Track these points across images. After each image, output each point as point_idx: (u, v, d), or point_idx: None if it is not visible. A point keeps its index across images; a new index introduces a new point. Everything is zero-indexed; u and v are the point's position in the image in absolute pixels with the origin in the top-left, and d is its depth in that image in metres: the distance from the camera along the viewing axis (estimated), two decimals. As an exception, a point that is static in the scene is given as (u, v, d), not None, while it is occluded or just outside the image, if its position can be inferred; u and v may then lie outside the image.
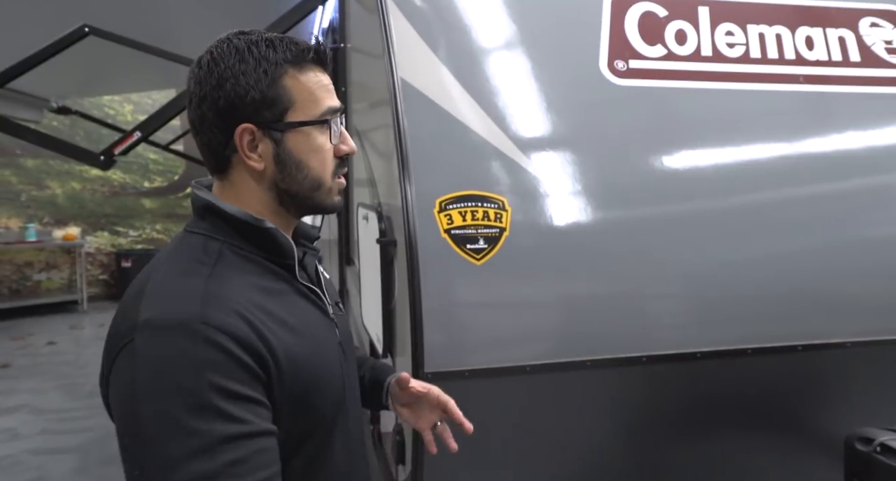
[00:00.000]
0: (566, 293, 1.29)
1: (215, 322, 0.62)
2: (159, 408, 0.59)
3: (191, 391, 0.59)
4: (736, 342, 1.32)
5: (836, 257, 1.41)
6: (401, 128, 1.25)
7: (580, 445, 1.33)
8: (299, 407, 0.70)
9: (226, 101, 0.71)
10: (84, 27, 2.10)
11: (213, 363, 0.61)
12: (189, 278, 0.67)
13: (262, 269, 0.74)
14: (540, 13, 1.44)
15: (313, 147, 0.75)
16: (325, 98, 0.76)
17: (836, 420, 1.41)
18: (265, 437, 0.63)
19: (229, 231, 0.74)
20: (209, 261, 0.69)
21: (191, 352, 0.60)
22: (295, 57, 0.74)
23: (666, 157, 1.40)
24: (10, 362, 4.66)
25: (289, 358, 0.68)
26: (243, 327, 0.64)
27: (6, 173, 6.40)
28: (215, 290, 0.66)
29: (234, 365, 0.62)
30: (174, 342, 0.61)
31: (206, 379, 0.60)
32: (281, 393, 0.67)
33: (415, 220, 1.19)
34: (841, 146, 1.50)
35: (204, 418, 0.59)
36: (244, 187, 0.75)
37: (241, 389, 0.62)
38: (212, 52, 0.73)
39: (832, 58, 1.53)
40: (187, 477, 0.57)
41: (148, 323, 0.62)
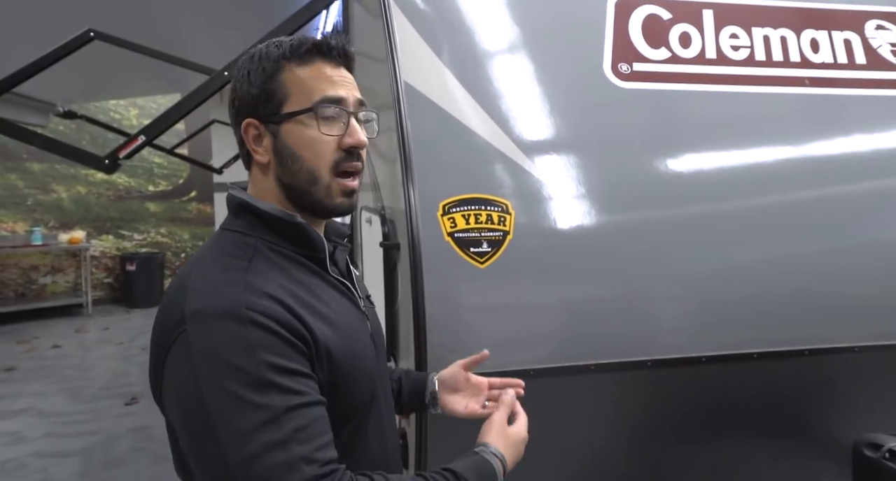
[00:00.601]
0: (570, 296, 1.28)
1: (258, 307, 0.67)
2: (222, 388, 0.63)
3: (247, 370, 0.64)
4: (741, 346, 1.31)
5: (842, 260, 1.40)
6: (404, 132, 1.24)
7: (584, 450, 1.32)
8: (336, 392, 0.73)
9: (238, 101, 0.78)
10: (89, 32, 2.11)
11: (263, 343, 0.65)
12: (228, 272, 0.71)
13: (295, 264, 0.77)
14: (543, 16, 1.44)
15: (305, 138, 0.76)
16: (321, 88, 0.77)
17: (843, 425, 1.39)
18: (320, 406, 0.69)
19: (262, 227, 0.77)
20: (246, 257, 0.73)
21: (241, 336, 0.65)
22: (292, 52, 0.77)
23: (670, 160, 1.39)
24: (16, 365, 4.67)
25: (326, 345, 0.71)
26: (283, 311, 0.68)
27: (13, 177, 6.44)
28: (254, 281, 0.70)
29: (281, 343, 0.67)
30: (224, 327, 0.65)
31: (259, 358, 0.64)
32: (322, 373, 0.71)
33: (418, 224, 1.18)
34: (847, 149, 1.49)
35: (265, 393, 0.63)
36: (260, 182, 0.80)
37: (292, 364, 0.67)
38: (240, 60, 0.81)
39: (838, 60, 1.53)
40: (260, 446, 0.62)
41: (196, 313, 0.66)
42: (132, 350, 5.01)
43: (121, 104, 7.16)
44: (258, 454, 0.62)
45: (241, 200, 0.78)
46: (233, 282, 0.69)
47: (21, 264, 6.46)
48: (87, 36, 2.13)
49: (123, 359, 4.79)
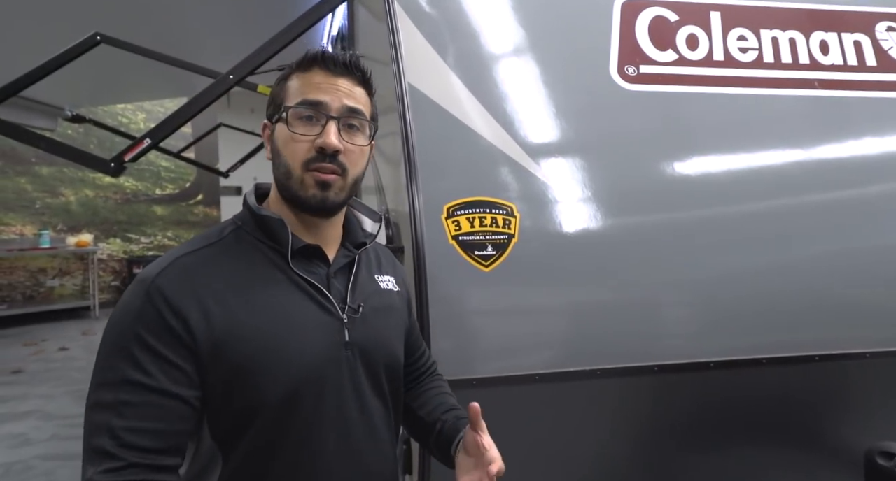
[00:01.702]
0: (575, 300, 1.27)
1: (160, 282, 0.73)
2: (105, 340, 0.73)
3: (122, 334, 0.72)
4: (750, 351, 1.29)
5: (853, 264, 1.38)
6: (409, 134, 1.24)
7: (589, 455, 1.30)
8: (236, 383, 0.74)
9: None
10: (96, 35, 2.12)
11: (143, 316, 0.72)
12: (181, 248, 0.79)
13: (259, 253, 0.81)
14: (549, 18, 1.43)
15: (285, 136, 0.82)
16: (304, 92, 0.82)
17: (855, 433, 1.37)
18: (164, 396, 0.71)
19: (248, 218, 0.84)
20: (213, 239, 0.81)
21: (134, 303, 0.73)
22: (300, 62, 0.85)
23: (677, 163, 1.38)
24: (23, 367, 4.70)
25: (231, 332, 0.74)
26: (184, 295, 0.73)
27: (22, 181, 6.49)
28: (186, 261, 0.76)
29: (159, 324, 0.71)
30: (131, 291, 0.74)
31: (133, 327, 0.71)
32: (214, 363, 0.73)
33: (422, 227, 1.18)
34: (857, 151, 1.47)
35: (119, 358, 0.70)
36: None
37: (159, 347, 0.71)
38: None
39: (847, 62, 1.51)
40: (95, 398, 0.70)
41: (137, 275, 0.77)
42: (138, 353, 5.01)
43: (128, 108, 7.21)
44: (92, 405, 0.70)
45: (244, 197, 0.88)
46: (167, 257, 0.77)
47: (29, 267, 6.50)
48: (94, 40, 2.14)
49: (129, 362, 4.79)
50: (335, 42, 3.01)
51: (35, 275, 6.54)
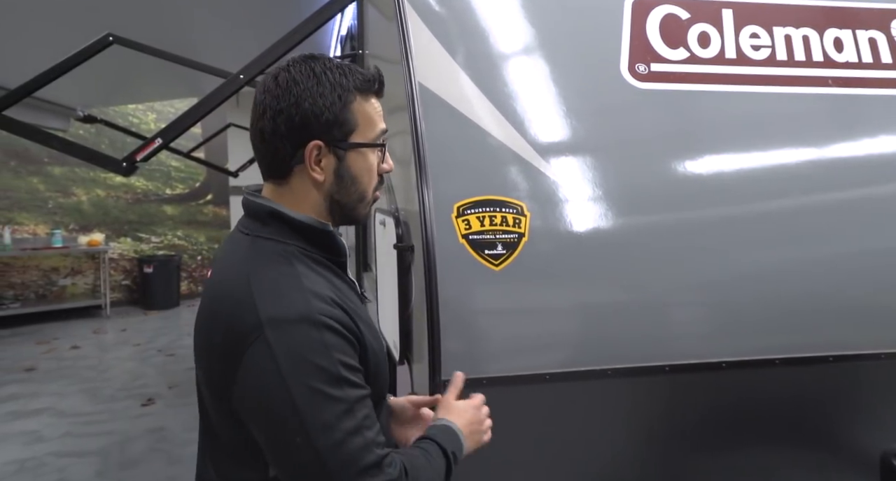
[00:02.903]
0: (586, 300, 1.26)
1: (328, 312, 0.76)
2: (308, 386, 0.72)
3: (327, 368, 0.73)
4: (763, 352, 1.28)
5: (868, 264, 1.36)
6: (419, 133, 1.24)
7: (600, 456, 1.30)
8: (372, 375, 0.83)
9: (302, 118, 0.81)
10: (108, 36, 2.14)
11: (336, 344, 0.75)
12: (286, 278, 0.78)
13: (325, 267, 0.85)
14: (559, 16, 1.42)
15: (367, 166, 0.87)
16: (380, 123, 0.88)
17: (870, 435, 1.35)
18: (370, 397, 0.79)
19: (294, 234, 0.84)
20: (290, 263, 0.81)
21: (319, 338, 0.74)
22: (363, 85, 0.85)
23: (689, 162, 1.37)
24: (35, 365, 4.75)
25: (366, 343, 0.82)
26: (343, 314, 0.78)
27: (34, 181, 6.56)
28: (312, 287, 0.78)
29: (346, 344, 0.77)
30: (303, 331, 0.73)
31: (334, 357, 0.74)
32: (367, 363, 0.81)
33: (432, 225, 1.18)
34: (872, 150, 1.45)
35: (341, 387, 0.74)
36: (302, 194, 0.85)
37: (353, 362, 0.77)
38: (289, 71, 0.82)
39: (862, 60, 1.49)
40: (343, 433, 0.72)
41: (274, 319, 0.74)
42: (149, 351, 5.06)
43: (139, 108, 7.27)
44: (342, 440, 0.72)
45: (272, 209, 0.84)
46: (297, 288, 0.77)
47: (42, 266, 6.57)
48: (107, 40, 2.16)
49: (140, 361, 4.84)
50: (344, 42, 3.02)
51: (47, 274, 6.61)
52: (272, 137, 0.82)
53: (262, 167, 0.87)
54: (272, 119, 0.81)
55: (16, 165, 6.42)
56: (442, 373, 1.14)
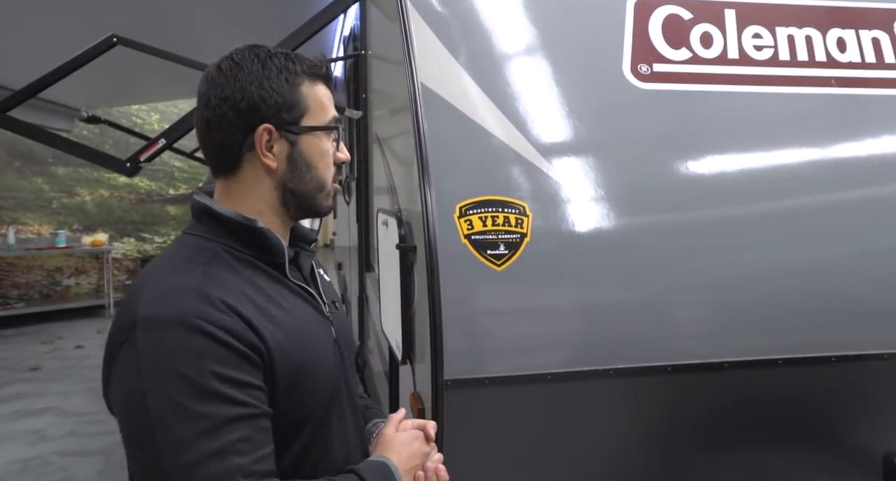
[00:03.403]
0: (588, 300, 1.26)
1: (209, 316, 0.68)
2: (166, 396, 0.64)
3: (192, 378, 0.65)
4: (765, 352, 1.28)
5: (871, 264, 1.36)
6: (421, 133, 1.24)
7: (602, 456, 1.30)
8: (291, 396, 0.74)
9: (248, 103, 0.77)
10: (112, 37, 2.15)
11: (211, 353, 0.67)
12: (183, 277, 0.72)
13: (255, 269, 0.79)
14: (562, 17, 1.43)
15: (321, 151, 0.83)
16: (331, 108, 0.84)
17: (873, 435, 1.35)
18: (264, 418, 0.70)
19: (223, 232, 0.79)
20: (203, 261, 0.75)
21: (188, 344, 0.66)
22: (310, 70, 0.82)
23: (691, 162, 1.37)
24: (40, 365, 4.77)
25: (278, 346, 0.73)
26: (233, 319, 0.70)
27: (39, 181, 6.59)
28: (207, 288, 0.71)
29: (230, 353, 0.68)
30: (173, 335, 0.66)
31: (204, 367, 0.66)
32: (274, 380, 0.72)
33: (435, 226, 1.18)
34: (874, 150, 1.45)
35: (208, 402, 0.65)
36: (252, 185, 0.81)
37: (240, 375, 0.68)
38: (232, 58, 0.80)
39: (865, 60, 1.49)
40: (198, 455, 0.63)
41: (146, 319, 0.68)
42: (152, 351, 5.06)
43: (143, 109, 7.29)
44: (196, 462, 0.63)
45: (203, 205, 0.80)
46: (185, 289, 0.70)
47: (46, 266, 6.59)
48: (110, 41, 2.17)
49: (143, 360, 4.84)
50: (347, 42, 3.03)
51: (51, 274, 6.64)
52: (218, 126, 0.78)
53: (211, 162, 0.82)
54: (217, 107, 0.78)
55: (20, 165, 6.45)
56: (445, 373, 1.15)
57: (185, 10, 3.13)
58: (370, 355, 2.41)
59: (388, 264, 1.52)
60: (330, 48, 3.86)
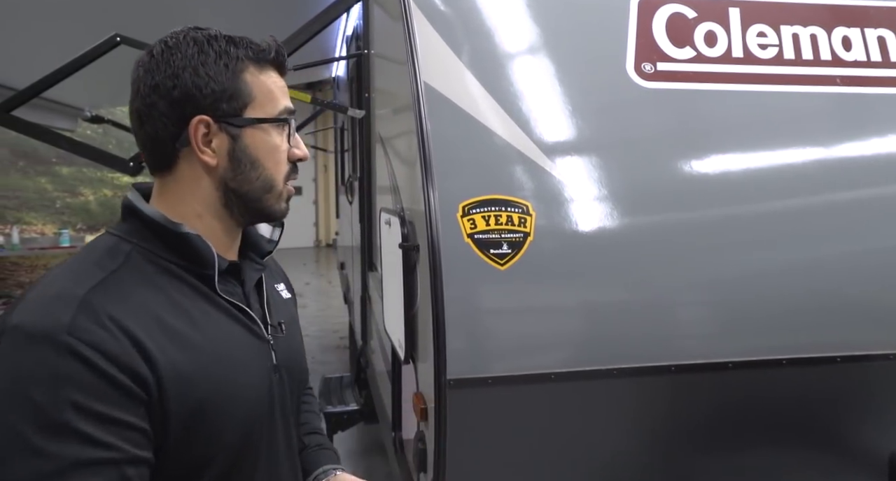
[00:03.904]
0: (592, 299, 1.26)
1: (84, 335, 0.57)
2: (7, 423, 0.55)
3: (44, 408, 0.55)
4: (770, 352, 1.27)
5: (876, 264, 1.35)
6: (424, 132, 1.24)
7: (605, 455, 1.29)
8: (192, 429, 0.64)
9: (181, 91, 0.68)
10: (116, 36, 2.15)
11: (76, 379, 0.56)
12: (76, 283, 0.62)
13: (176, 279, 0.69)
14: (565, 16, 1.42)
15: (270, 146, 0.73)
16: (283, 99, 0.75)
17: (878, 437, 1.34)
18: (132, 466, 0.58)
19: (147, 234, 0.70)
20: (110, 266, 0.65)
21: (51, 365, 0.56)
22: (256, 55, 0.73)
23: (695, 162, 1.36)
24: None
25: (178, 375, 0.62)
26: (119, 341, 0.59)
27: (42, 181, 6.62)
28: (97, 298, 0.61)
29: (102, 382, 0.57)
30: (35, 352, 0.56)
31: (64, 396, 0.55)
32: (167, 413, 0.61)
33: (437, 225, 1.18)
34: (880, 149, 1.45)
35: (57, 439, 0.55)
36: (190, 185, 0.72)
37: (108, 410, 0.57)
38: (166, 42, 0.71)
39: (871, 58, 1.48)
40: None
41: (15, 328, 0.58)
42: (155, 350, 5.08)
43: (146, 109, 7.31)
44: None
45: (129, 204, 0.72)
46: (69, 298, 0.60)
47: (49, 265, 6.62)
48: (114, 41, 2.17)
49: (146, 360, 4.86)
50: (350, 42, 3.03)
51: (55, 273, 6.66)
52: (149, 117, 0.69)
53: (146, 158, 0.74)
54: (147, 96, 0.69)
55: (24, 165, 6.48)
56: (447, 373, 1.14)
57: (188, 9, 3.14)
58: (373, 355, 2.41)
59: (391, 263, 1.52)
60: (332, 47, 3.87)
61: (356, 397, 2.83)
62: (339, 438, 2.77)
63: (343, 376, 3.19)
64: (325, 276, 8.53)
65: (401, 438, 1.71)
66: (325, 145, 6.74)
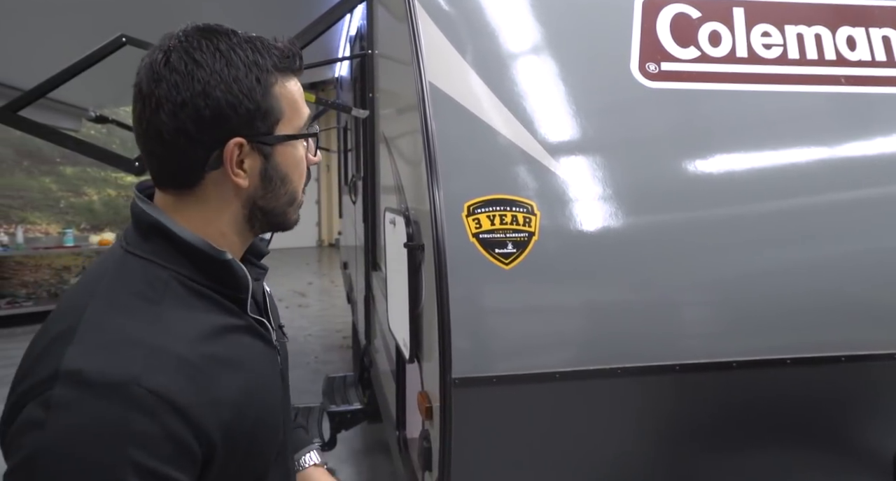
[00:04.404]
0: (596, 299, 1.26)
1: (156, 385, 0.54)
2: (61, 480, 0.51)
3: (106, 469, 0.52)
4: (774, 351, 1.27)
5: (879, 264, 1.35)
6: (429, 132, 1.24)
7: (609, 455, 1.30)
8: (243, 456, 0.64)
9: (214, 112, 0.62)
10: (121, 37, 2.16)
11: (142, 436, 0.53)
12: (131, 321, 0.58)
13: (211, 303, 0.66)
14: (569, 16, 1.42)
15: (297, 159, 0.71)
16: (305, 107, 0.71)
17: (883, 436, 1.34)
18: None
19: (179, 259, 0.65)
20: (155, 298, 0.61)
21: (119, 422, 0.52)
22: (283, 63, 0.68)
23: (700, 161, 1.36)
24: (48, 363, 4.79)
25: (236, 410, 0.62)
26: (187, 390, 0.56)
27: (47, 181, 6.64)
28: (160, 340, 0.58)
29: (164, 440, 0.54)
30: (103, 406, 0.52)
31: (128, 456, 0.52)
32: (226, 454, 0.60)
33: (442, 224, 1.18)
34: (885, 149, 1.44)
35: None
36: (215, 205, 0.67)
37: (165, 469, 0.54)
38: (186, 50, 0.63)
39: (876, 58, 1.48)
40: None
41: (75, 375, 0.53)
42: (159, 349, 5.09)
43: (150, 109, 7.32)
44: None
45: (156, 222, 0.65)
46: (134, 341, 0.56)
47: (54, 265, 6.64)
48: (119, 41, 2.18)
49: (150, 359, 4.87)
50: (354, 42, 3.03)
51: (59, 273, 6.68)
52: (176, 139, 0.63)
53: (160, 175, 0.67)
54: (173, 114, 0.62)
55: (29, 165, 6.49)
56: (452, 371, 1.15)
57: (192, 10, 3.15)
58: (377, 354, 2.41)
59: (396, 263, 1.52)
60: (336, 48, 3.87)
61: (359, 396, 2.84)
62: (342, 437, 2.77)
63: (346, 375, 3.20)
64: (328, 276, 8.53)
65: (405, 437, 1.72)
66: (327, 145, 6.75)
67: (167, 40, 0.65)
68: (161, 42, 0.66)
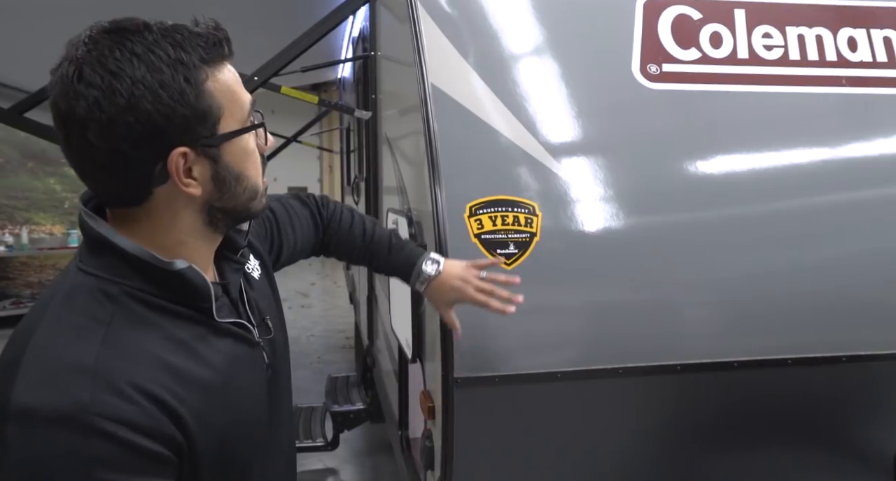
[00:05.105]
0: (598, 299, 1.27)
1: (110, 411, 0.52)
2: None
3: None
4: (775, 351, 1.28)
5: (881, 264, 1.35)
6: (431, 134, 1.25)
7: (611, 455, 1.30)
8: (219, 463, 0.63)
9: (146, 125, 0.56)
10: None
11: (106, 459, 0.52)
12: (76, 346, 0.55)
13: (169, 315, 0.62)
14: (571, 17, 1.43)
15: (248, 152, 0.65)
16: (244, 93, 0.65)
17: (884, 436, 1.34)
18: None
19: (129, 272, 0.60)
20: (104, 317, 0.57)
21: (79, 450, 0.51)
22: (209, 54, 0.60)
23: (701, 162, 1.37)
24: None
25: (200, 420, 0.60)
26: (144, 409, 0.55)
27: (51, 181, 6.67)
28: (110, 363, 0.55)
29: (132, 456, 0.53)
30: (58, 439, 0.51)
31: (96, 477, 0.52)
32: (196, 459, 0.60)
33: (445, 225, 1.19)
34: (886, 150, 1.45)
35: None
36: (168, 218, 0.62)
37: (137, 478, 0.54)
38: (101, 61, 0.55)
39: (877, 59, 1.48)
40: None
41: (24, 412, 0.52)
42: (162, 350, 5.11)
43: (153, 110, 7.35)
44: None
45: (99, 236, 0.60)
46: (78, 369, 0.53)
47: (58, 265, 6.66)
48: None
49: (154, 359, 4.88)
50: (356, 43, 3.04)
51: (63, 273, 6.71)
52: (111, 161, 0.57)
53: (103, 197, 0.63)
54: (101, 135, 0.55)
55: (33, 166, 6.53)
56: (455, 371, 1.16)
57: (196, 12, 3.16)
58: (379, 354, 2.42)
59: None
60: (339, 49, 3.89)
61: (362, 396, 2.85)
62: (345, 437, 2.78)
63: (349, 375, 3.21)
64: (331, 277, 8.55)
65: (407, 436, 1.73)
66: (329, 146, 6.77)
67: (73, 49, 0.57)
68: (67, 51, 0.57)
